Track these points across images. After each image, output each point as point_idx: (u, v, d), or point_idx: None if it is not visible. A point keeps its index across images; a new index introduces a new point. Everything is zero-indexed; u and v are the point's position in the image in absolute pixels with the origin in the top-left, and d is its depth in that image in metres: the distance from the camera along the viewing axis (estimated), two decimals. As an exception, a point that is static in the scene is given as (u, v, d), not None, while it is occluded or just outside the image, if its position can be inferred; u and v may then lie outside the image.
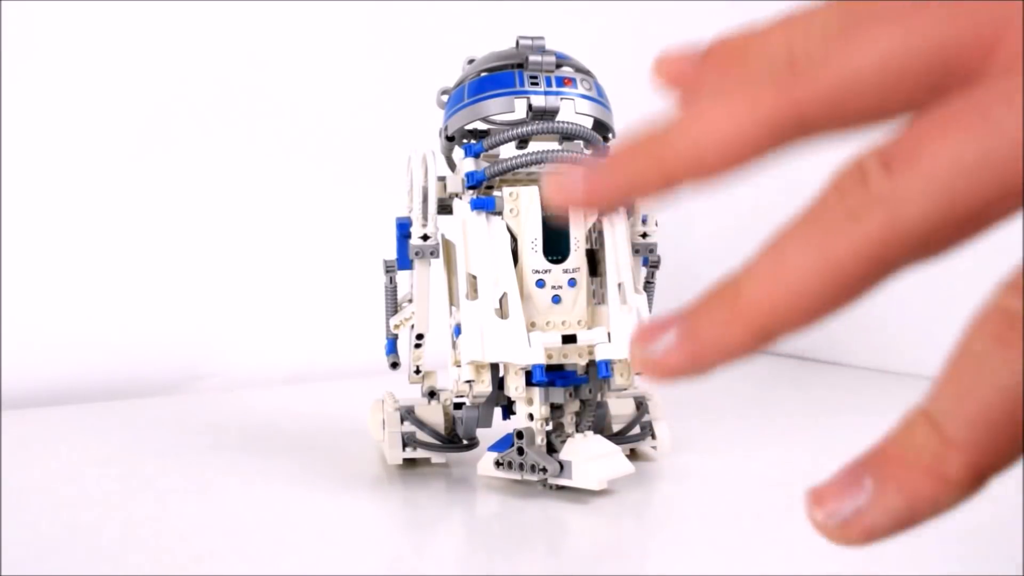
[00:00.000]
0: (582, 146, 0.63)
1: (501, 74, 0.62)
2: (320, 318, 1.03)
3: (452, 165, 0.66)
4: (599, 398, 0.62)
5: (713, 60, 0.26)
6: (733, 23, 1.00)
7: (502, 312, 0.59)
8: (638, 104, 1.26)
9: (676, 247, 1.10)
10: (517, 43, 0.62)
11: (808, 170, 1.22)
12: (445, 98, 0.65)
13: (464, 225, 0.61)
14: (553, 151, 0.60)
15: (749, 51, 0.25)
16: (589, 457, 0.59)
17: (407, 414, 0.66)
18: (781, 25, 0.25)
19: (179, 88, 0.97)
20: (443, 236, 0.64)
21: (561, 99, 0.61)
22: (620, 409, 0.68)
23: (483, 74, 0.62)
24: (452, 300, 0.64)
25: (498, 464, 0.61)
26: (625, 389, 0.62)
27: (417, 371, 0.67)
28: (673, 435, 0.69)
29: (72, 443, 0.76)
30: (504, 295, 0.59)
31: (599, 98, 0.63)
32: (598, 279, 0.63)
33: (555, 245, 0.61)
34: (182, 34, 0.96)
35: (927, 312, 0.99)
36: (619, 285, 0.60)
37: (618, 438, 0.66)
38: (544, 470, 0.59)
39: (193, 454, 0.72)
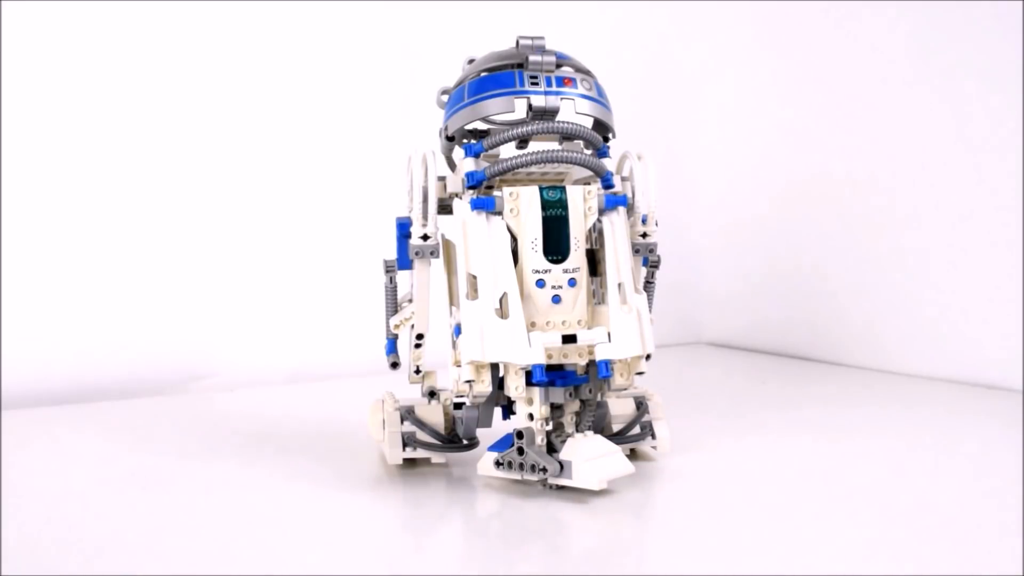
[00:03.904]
0: (582, 146, 0.63)
1: (501, 74, 0.62)
2: (320, 318, 1.03)
3: (452, 165, 0.66)
4: (599, 398, 0.62)
5: None
6: (733, 23, 1.01)
7: (502, 312, 0.59)
8: (638, 104, 1.27)
9: (676, 247, 1.10)
10: (517, 43, 0.62)
11: (807, 171, 1.23)
12: (445, 98, 0.65)
13: (464, 225, 0.61)
14: (553, 151, 0.60)
15: None
16: (589, 457, 0.59)
17: (407, 414, 0.66)
18: None
19: (178, 88, 0.97)
20: (443, 236, 0.64)
21: (561, 99, 0.61)
22: (620, 409, 0.68)
23: (483, 74, 0.62)
24: (452, 300, 0.64)
25: (498, 464, 0.61)
26: (625, 389, 0.62)
27: (417, 371, 0.67)
28: (673, 435, 0.69)
29: (72, 443, 0.76)
30: (504, 295, 0.59)
31: (599, 98, 0.63)
32: (598, 279, 0.63)
33: (555, 245, 0.61)
34: (181, 35, 0.96)
35: (926, 313, 0.99)
36: (619, 285, 0.60)
37: (618, 438, 0.66)
38: (544, 470, 0.59)
39: (193, 454, 0.72)
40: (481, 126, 0.63)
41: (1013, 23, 0.89)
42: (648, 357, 0.61)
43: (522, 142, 0.64)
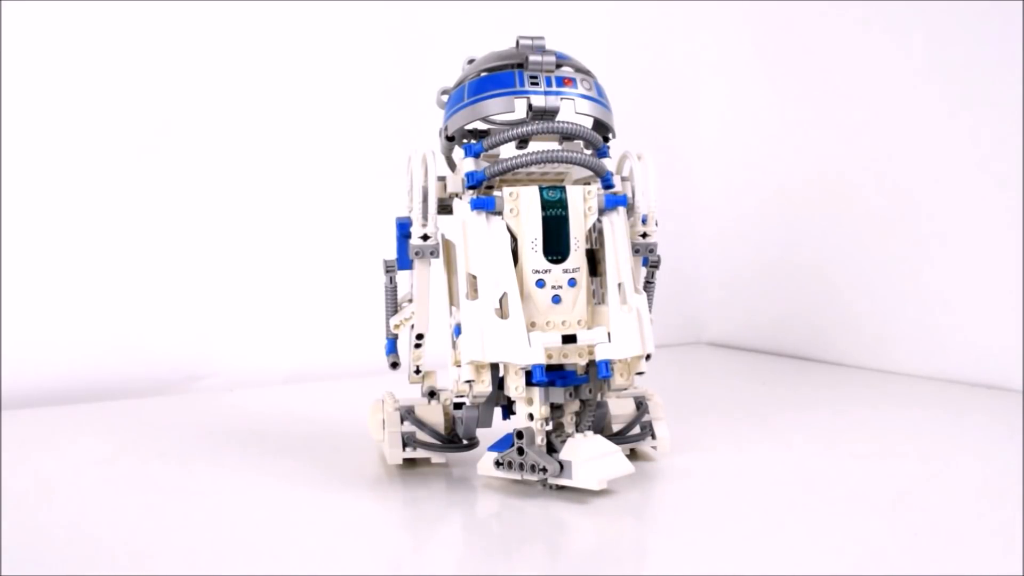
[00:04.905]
0: (582, 146, 0.63)
1: (501, 74, 0.62)
2: (320, 318, 1.03)
3: (452, 165, 0.66)
4: (599, 398, 0.62)
5: None
6: (733, 23, 1.02)
7: (502, 312, 0.59)
8: (638, 104, 1.27)
9: (676, 247, 1.10)
10: (517, 43, 0.62)
11: (807, 171, 1.23)
12: (445, 98, 0.65)
13: (464, 225, 0.61)
14: (553, 151, 0.60)
15: None
16: (589, 457, 0.59)
17: (407, 414, 0.66)
18: None
19: (178, 88, 0.97)
20: (443, 236, 0.64)
21: (561, 99, 0.61)
22: (620, 409, 0.68)
23: (483, 74, 0.62)
24: (452, 300, 0.64)
25: (498, 464, 0.61)
26: (625, 389, 0.62)
27: (417, 371, 0.67)
28: (673, 435, 0.69)
29: (72, 443, 0.76)
30: (504, 295, 0.59)
31: (599, 98, 0.63)
32: (598, 279, 0.63)
33: (555, 245, 0.61)
34: (182, 35, 0.96)
35: (927, 312, 0.99)
36: (619, 285, 0.60)
37: (618, 438, 0.66)
38: (544, 470, 0.59)
39: (193, 454, 0.72)
40: (481, 126, 0.63)
41: (1013, 23, 0.89)
42: (648, 357, 0.61)
43: (522, 142, 0.64)
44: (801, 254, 1.12)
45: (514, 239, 0.61)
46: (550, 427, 0.61)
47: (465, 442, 0.66)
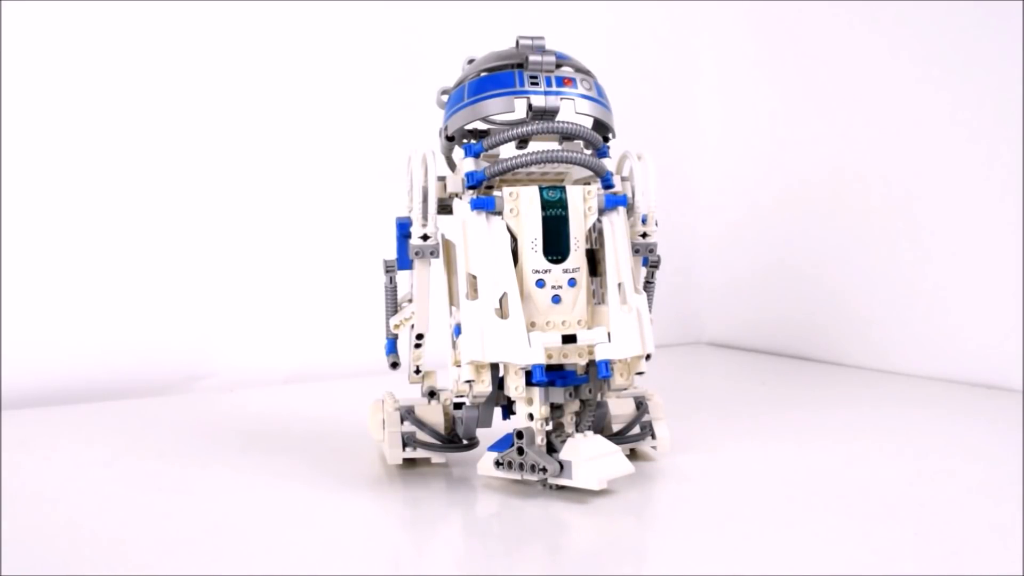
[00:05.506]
0: (582, 146, 0.63)
1: (501, 74, 0.62)
2: (320, 318, 1.03)
3: (452, 165, 0.66)
4: (599, 398, 0.62)
5: None
6: (733, 22, 1.02)
7: (502, 312, 0.59)
8: (638, 104, 1.27)
9: (676, 247, 1.10)
10: (517, 43, 0.62)
11: (807, 171, 1.23)
12: (445, 98, 0.65)
13: (464, 225, 0.61)
14: (553, 151, 0.60)
15: None
16: (589, 457, 0.59)
17: (407, 414, 0.66)
18: None
19: (178, 88, 0.97)
20: (443, 236, 0.64)
21: (561, 99, 0.61)
22: (620, 409, 0.68)
23: (483, 74, 0.62)
24: (452, 300, 0.64)
25: (498, 464, 0.61)
26: (625, 389, 0.62)
27: (417, 371, 0.67)
28: (673, 435, 0.69)
29: (72, 443, 0.76)
30: (504, 295, 0.59)
31: (599, 98, 0.63)
32: (598, 279, 0.63)
33: (555, 245, 0.61)
34: (182, 35, 0.96)
35: (926, 313, 0.99)
36: (619, 285, 0.60)
37: (618, 438, 0.66)
38: (544, 470, 0.59)
39: (193, 454, 0.72)
40: (481, 126, 0.63)
41: (1014, 22, 0.89)
42: (648, 357, 0.61)
43: (522, 142, 0.64)
44: (801, 254, 1.12)
45: (514, 239, 0.61)
46: (550, 427, 0.61)
47: (465, 442, 0.66)
